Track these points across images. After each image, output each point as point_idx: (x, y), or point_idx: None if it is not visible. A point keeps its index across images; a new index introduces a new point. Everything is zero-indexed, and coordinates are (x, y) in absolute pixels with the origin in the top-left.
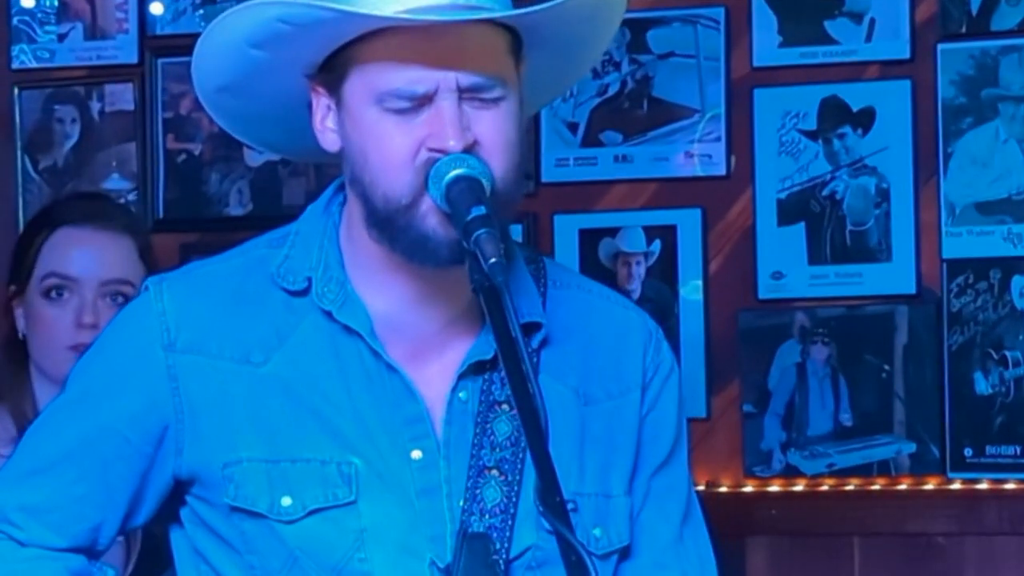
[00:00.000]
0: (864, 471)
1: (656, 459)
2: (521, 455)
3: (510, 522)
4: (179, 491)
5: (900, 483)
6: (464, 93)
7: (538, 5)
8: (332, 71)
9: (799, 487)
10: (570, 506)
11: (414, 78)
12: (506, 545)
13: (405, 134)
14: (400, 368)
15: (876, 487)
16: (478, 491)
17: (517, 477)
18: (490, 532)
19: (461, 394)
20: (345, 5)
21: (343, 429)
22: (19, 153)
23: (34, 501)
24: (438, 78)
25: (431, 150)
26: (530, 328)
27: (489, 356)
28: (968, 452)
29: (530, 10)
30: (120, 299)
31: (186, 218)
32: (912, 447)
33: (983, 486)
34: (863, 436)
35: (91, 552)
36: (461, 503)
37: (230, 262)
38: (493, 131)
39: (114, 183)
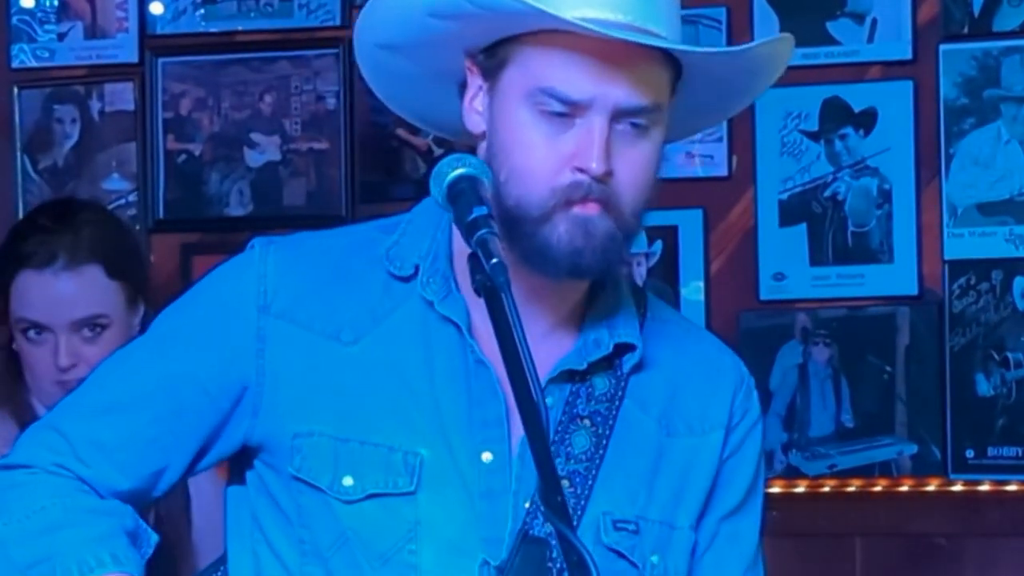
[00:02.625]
0: (866, 472)
1: (729, 503)
2: (594, 472)
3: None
4: (247, 456)
5: (902, 484)
6: (618, 115)
7: (722, 47)
8: (494, 56)
9: (801, 488)
10: (631, 527)
11: (574, 83)
12: (562, 556)
13: (552, 147)
14: (491, 366)
15: (878, 488)
16: None
17: (586, 492)
18: (549, 539)
19: (548, 400)
20: (536, 2)
21: (418, 420)
22: (19, 153)
23: (105, 438)
24: (597, 91)
25: (575, 170)
26: (624, 349)
27: (581, 367)
28: (969, 453)
29: (713, 51)
30: (98, 329)
31: (186, 218)
32: (914, 448)
33: (984, 487)
34: (865, 437)
35: (147, 496)
36: (527, 504)
37: (339, 238)
38: (633, 165)
39: (114, 183)
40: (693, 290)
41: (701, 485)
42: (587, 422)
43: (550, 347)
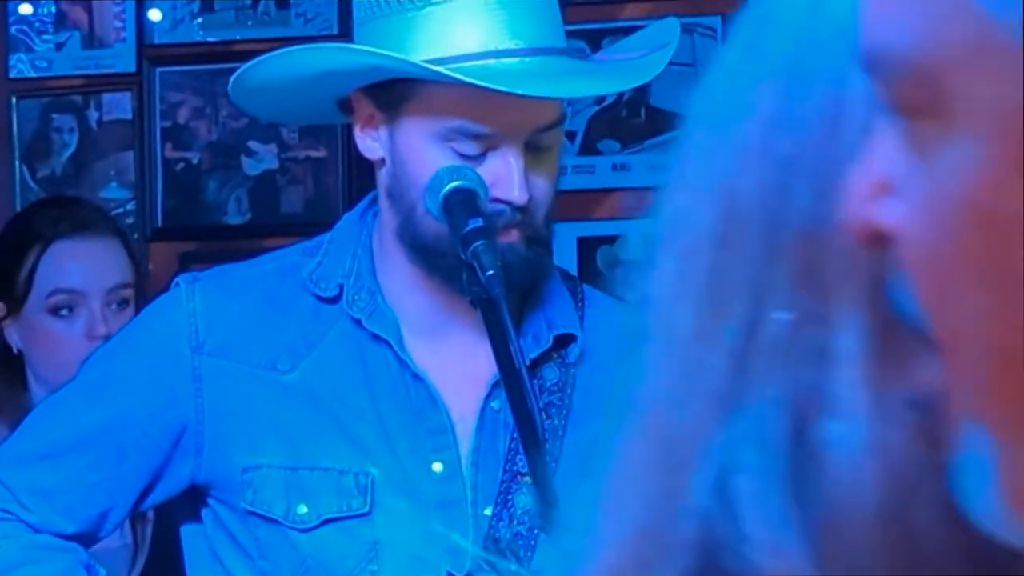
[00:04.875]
0: None
1: None
2: (554, 464)
3: (536, 531)
4: (199, 493)
5: None
6: (529, 142)
7: (623, 77)
8: (388, 90)
9: None
10: None
11: (483, 117)
12: (530, 553)
13: None
14: (427, 377)
15: None
16: (510, 496)
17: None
18: (516, 539)
19: (494, 403)
20: (422, 50)
21: (364, 439)
22: (17, 163)
23: (47, 484)
24: (508, 120)
25: (495, 200)
26: (566, 340)
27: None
28: None
29: (618, 85)
30: (124, 304)
31: (184, 227)
32: None
33: None
34: None
35: (94, 538)
36: (489, 510)
37: (263, 267)
38: (543, 184)
39: (112, 192)
40: None
41: None
42: (543, 415)
43: (488, 350)
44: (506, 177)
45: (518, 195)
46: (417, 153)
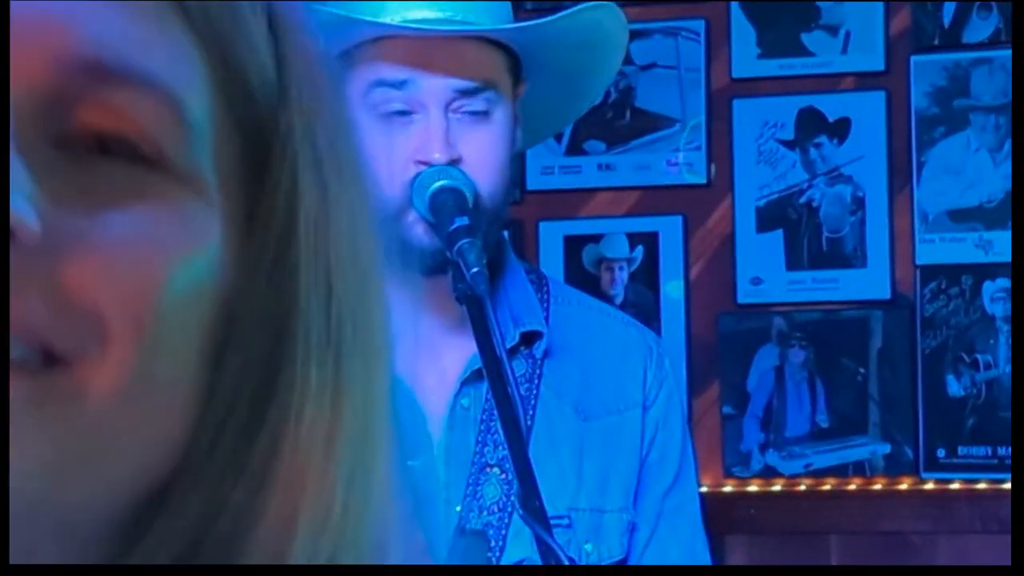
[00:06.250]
0: (840, 472)
1: (668, 477)
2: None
3: (507, 520)
4: None
5: (875, 483)
6: (453, 104)
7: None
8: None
9: (777, 487)
10: (564, 522)
11: (399, 65)
12: (501, 543)
13: (393, 147)
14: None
15: (852, 487)
16: (479, 488)
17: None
18: (486, 530)
19: (463, 400)
20: (347, 12)
21: None
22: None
23: None
24: (427, 82)
25: (417, 163)
26: (532, 337)
27: None
28: (941, 453)
29: (515, 26)
30: None
31: None
32: (887, 448)
33: (955, 486)
34: (839, 437)
35: None
36: (459, 507)
37: None
38: (479, 147)
39: None
40: (674, 287)
41: (627, 465)
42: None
43: (455, 347)
44: (426, 137)
45: (439, 155)
46: None
